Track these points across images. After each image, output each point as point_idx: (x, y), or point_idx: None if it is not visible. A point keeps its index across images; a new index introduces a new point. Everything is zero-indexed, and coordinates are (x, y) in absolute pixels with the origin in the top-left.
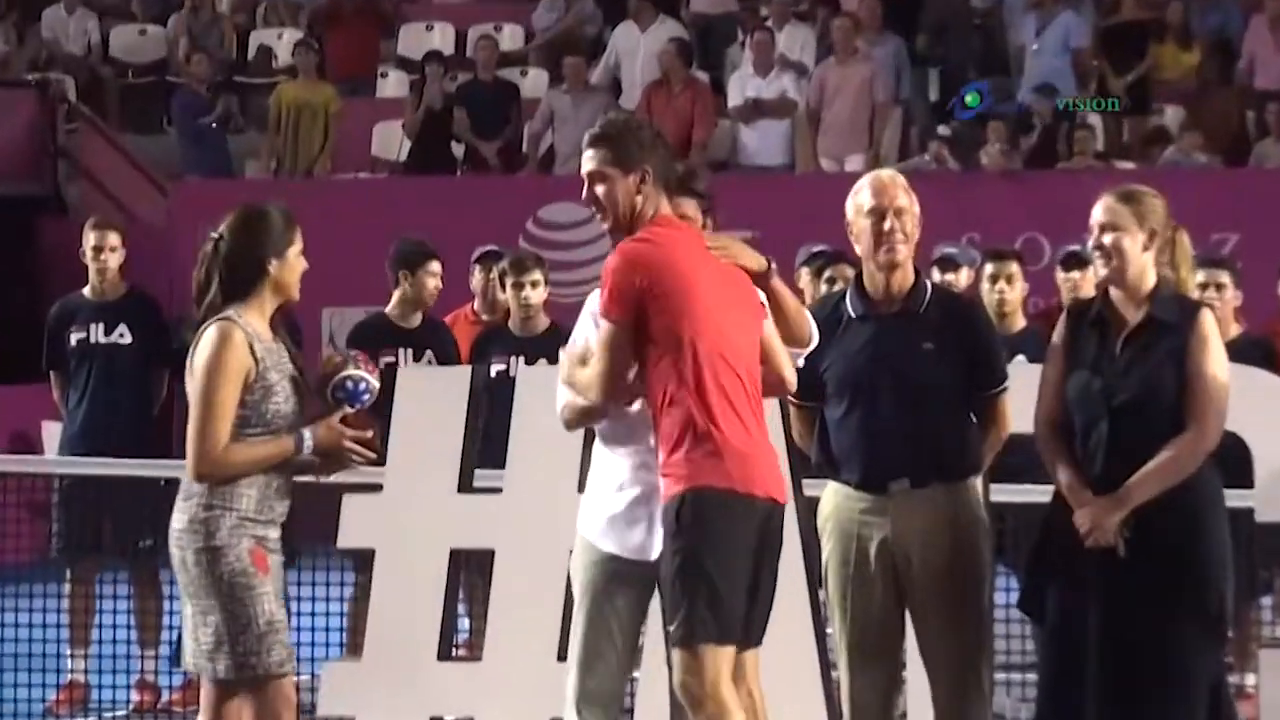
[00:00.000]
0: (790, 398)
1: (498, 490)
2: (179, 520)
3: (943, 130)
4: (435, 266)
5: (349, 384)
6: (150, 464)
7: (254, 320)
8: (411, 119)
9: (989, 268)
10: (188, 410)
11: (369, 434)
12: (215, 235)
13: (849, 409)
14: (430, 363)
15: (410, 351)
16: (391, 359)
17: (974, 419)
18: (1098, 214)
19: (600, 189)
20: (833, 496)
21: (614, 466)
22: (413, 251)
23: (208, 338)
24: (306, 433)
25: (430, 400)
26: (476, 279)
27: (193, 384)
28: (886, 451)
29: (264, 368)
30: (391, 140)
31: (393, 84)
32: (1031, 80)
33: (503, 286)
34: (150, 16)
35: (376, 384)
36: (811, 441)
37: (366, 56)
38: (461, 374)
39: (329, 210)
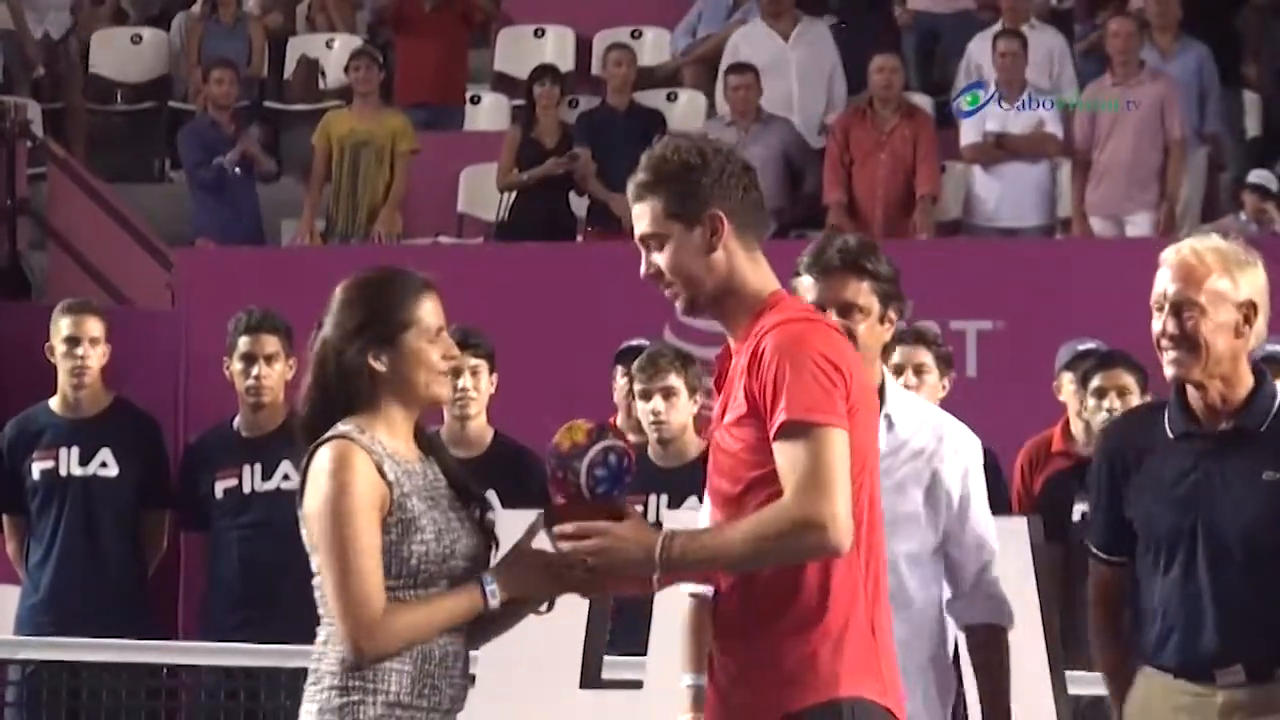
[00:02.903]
0: (1093, 548)
1: (636, 685)
2: (307, 714)
3: (1261, 177)
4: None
5: (612, 459)
6: (146, 646)
7: (383, 435)
8: (513, 161)
9: None
10: (206, 570)
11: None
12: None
13: (1162, 564)
14: None
15: None
16: None
17: None
18: None
19: (660, 256)
20: (1144, 687)
21: None
22: None
23: (318, 464)
24: (489, 579)
25: None
26: (618, 385)
27: (317, 529)
28: (1211, 625)
29: (401, 494)
30: (486, 191)
31: (488, 112)
32: None
33: (632, 395)
34: (147, 17)
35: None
36: (1115, 613)
37: (451, 73)
38: None
39: None
